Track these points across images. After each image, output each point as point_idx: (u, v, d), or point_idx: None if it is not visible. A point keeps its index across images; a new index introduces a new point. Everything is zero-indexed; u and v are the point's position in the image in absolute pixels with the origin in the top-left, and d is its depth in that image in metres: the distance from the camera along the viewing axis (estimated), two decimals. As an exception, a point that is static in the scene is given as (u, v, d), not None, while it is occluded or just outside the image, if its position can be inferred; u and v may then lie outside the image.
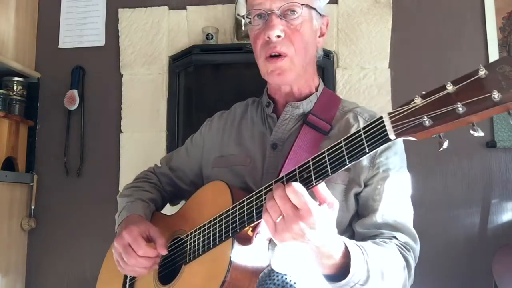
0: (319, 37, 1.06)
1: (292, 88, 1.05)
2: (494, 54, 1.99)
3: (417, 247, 0.95)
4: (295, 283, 0.82)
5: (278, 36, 0.97)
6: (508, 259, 1.63)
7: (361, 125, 1.00)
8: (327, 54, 2.02)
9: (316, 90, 1.08)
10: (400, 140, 1.02)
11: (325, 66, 2.01)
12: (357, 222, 0.96)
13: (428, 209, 1.92)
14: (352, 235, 0.96)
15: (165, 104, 2.12)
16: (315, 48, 1.06)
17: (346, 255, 0.76)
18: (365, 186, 0.96)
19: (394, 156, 0.98)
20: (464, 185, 1.95)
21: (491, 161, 1.94)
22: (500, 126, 1.94)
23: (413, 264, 0.92)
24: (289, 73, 1.00)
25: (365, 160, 0.96)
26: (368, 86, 2.02)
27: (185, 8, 2.17)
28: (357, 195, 0.97)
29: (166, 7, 2.18)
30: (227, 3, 2.13)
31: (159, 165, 1.27)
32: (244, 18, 1.04)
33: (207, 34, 2.06)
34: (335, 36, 2.07)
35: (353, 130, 0.94)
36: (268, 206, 0.72)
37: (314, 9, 1.02)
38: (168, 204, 1.28)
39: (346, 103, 1.09)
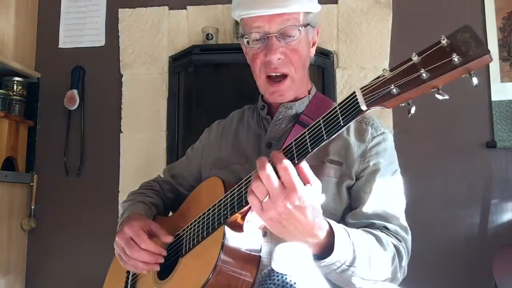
0: (312, 47, 1.10)
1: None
2: (494, 54, 1.98)
3: (408, 237, 0.97)
4: (295, 283, 0.83)
5: (279, 59, 1.00)
6: (508, 259, 1.63)
7: (351, 124, 1.01)
8: (327, 54, 2.02)
9: (309, 93, 1.12)
10: (390, 136, 1.04)
11: (325, 66, 2.01)
12: (349, 214, 0.98)
13: (428, 209, 1.93)
14: None
15: (165, 104, 2.12)
16: (309, 58, 1.10)
17: (331, 234, 0.78)
18: (357, 179, 0.99)
19: (384, 151, 1.01)
20: (464, 185, 1.95)
21: (491, 161, 1.94)
22: (500, 126, 1.94)
23: (404, 254, 0.93)
24: (289, 93, 1.05)
25: (356, 154, 0.99)
26: (368, 86, 2.02)
27: (185, 8, 2.18)
28: (349, 189, 1.00)
29: (166, 7, 2.18)
30: (227, 3, 2.13)
31: (162, 175, 1.32)
32: (243, 39, 1.06)
33: (207, 34, 2.06)
34: (335, 36, 2.07)
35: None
36: (253, 186, 0.73)
37: (309, 24, 1.05)
38: (170, 213, 1.30)
39: None
